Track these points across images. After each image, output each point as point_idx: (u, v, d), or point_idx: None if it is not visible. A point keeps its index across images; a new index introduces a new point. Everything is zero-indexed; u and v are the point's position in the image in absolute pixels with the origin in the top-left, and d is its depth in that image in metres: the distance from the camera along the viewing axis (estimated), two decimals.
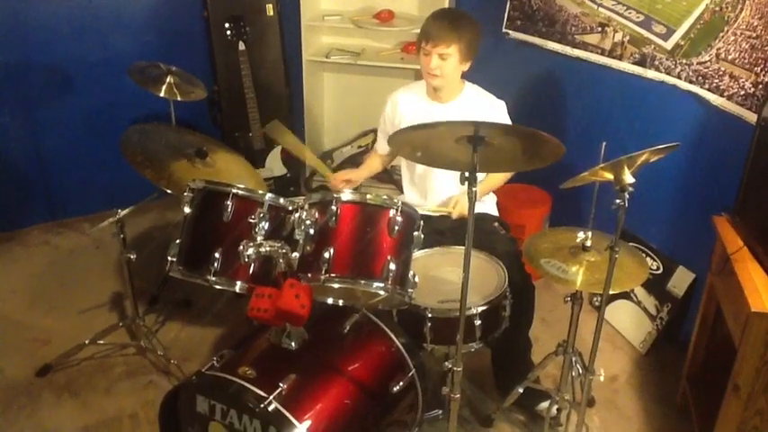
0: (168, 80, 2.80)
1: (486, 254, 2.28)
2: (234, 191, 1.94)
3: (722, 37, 2.46)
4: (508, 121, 2.51)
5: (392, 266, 1.81)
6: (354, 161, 4.06)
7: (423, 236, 1.93)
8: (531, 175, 3.04)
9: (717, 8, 2.47)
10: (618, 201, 1.70)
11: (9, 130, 3.48)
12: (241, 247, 1.83)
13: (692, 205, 2.75)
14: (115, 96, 3.58)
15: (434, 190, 2.60)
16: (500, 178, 2.60)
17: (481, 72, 2.62)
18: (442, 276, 2.22)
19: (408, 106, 2.61)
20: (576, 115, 3.27)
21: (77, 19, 3.45)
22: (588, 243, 1.98)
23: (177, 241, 2.01)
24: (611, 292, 1.83)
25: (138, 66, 2.87)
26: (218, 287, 1.94)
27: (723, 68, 2.48)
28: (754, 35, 2.34)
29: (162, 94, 2.78)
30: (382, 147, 2.77)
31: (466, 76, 2.55)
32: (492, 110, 2.52)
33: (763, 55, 2.31)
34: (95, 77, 3.56)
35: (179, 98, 2.82)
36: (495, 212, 2.69)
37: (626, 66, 2.89)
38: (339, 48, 3.93)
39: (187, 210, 2.01)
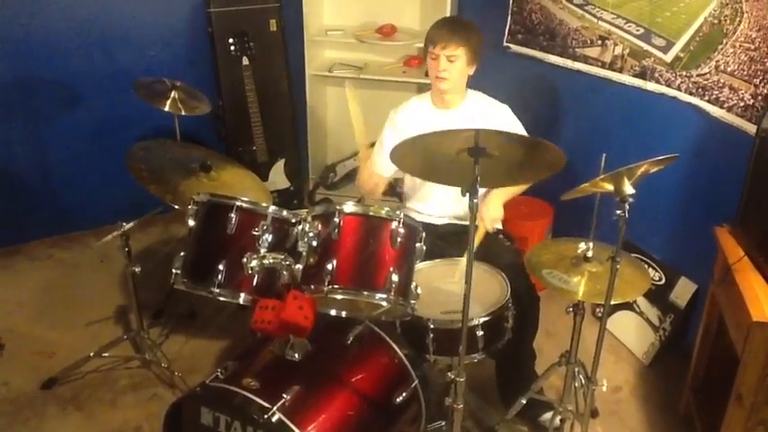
0: (173, 95, 2.83)
1: (489, 265, 2.29)
2: (237, 203, 1.96)
3: (721, 49, 2.49)
4: (518, 123, 2.54)
5: (395, 278, 1.82)
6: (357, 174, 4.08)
7: (425, 247, 1.94)
8: (533, 188, 3.05)
9: (715, 21, 2.50)
10: (618, 212, 1.71)
11: (16, 144, 3.52)
12: (245, 260, 1.85)
13: (693, 216, 2.76)
14: (121, 111, 3.61)
15: (434, 199, 2.60)
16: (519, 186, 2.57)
17: (483, 85, 2.64)
18: (444, 288, 2.23)
19: (411, 116, 2.58)
20: (577, 128, 3.28)
21: (84, 34, 3.49)
22: (590, 254, 1.99)
23: (182, 254, 2.02)
24: (613, 303, 1.84)
25: (144, 81, 2.90)
26: (221, 299, 1.96)
27: (722, 80, 2.50)
28: (753, 47, 2.36)
29: (167, 109, 2.81)
30: (381, 167, 2.55)
31: (469, 86, 2.57)
32: (498, 114, 2.54)
33: (762, 67, 2.33)
34: (101, 92, 3.60)
35: (183, 113, 2.85)
36: (498, 225, 2.69)
37: (626, 78, 2.92)
38: (342, 62, 3.96)
39: (191, 223, 2.03)
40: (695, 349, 2.45)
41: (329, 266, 1.80)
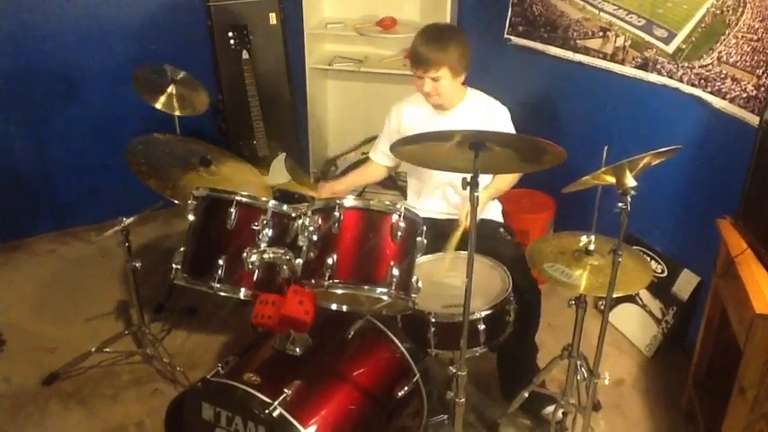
0: (170, 90, 2.83)
1: (490, 259, 2.28)
2: (237, 198, 1.95)
3: (723, 40, 2.47)
4: (511, 129, 2.52)
5: (395, 272, 1.82)
6: (358, 167, 4.07)
7: (426, 241, 1.94)
8: (534, 181, 3.05)
9: (718, 11, 2.48)
10: (620, 204, 1.70)
11: (15, 139, 3.51)
12: (245, 254, 1.84)
13: (695, 208, 2.75)
14: (120, 105, 3.60)
15: (435, 194, 2.60)
16: (507, 182, 2.59)
17: (484, 78, 2.63)
18: (445, 281, 2.23)
19: (412, 118, 2.58)
20: (579, 120, 3.27)
21: (83, 28, 3.48)
22: (591, 247, 1.98)
23: (182, 249, 2.02)
24: (615, 296, 1.83)
25: (144, 71, 2.89)
26: (222, 294, 1.95)
27: (725, 71, 2.48)
28: (755, 38, 2.34)
29: (159, 107, 2.80)
30: (381, 158, 2.72)
31: (469, 81, 2.55)
32: (494, 115, 2.52)
33: (765, 57, 2.31)
34: (101, 86, 3.59)
35: (178, 113, 2.84)
36: (500, 219, 2.68)
37: (628, 70, 2.90)
38: (342, 55, 3.94)
39: (191, 217, 2.02)
40: (698, 342, 2.45)
41: (330, 261, 1.79)
